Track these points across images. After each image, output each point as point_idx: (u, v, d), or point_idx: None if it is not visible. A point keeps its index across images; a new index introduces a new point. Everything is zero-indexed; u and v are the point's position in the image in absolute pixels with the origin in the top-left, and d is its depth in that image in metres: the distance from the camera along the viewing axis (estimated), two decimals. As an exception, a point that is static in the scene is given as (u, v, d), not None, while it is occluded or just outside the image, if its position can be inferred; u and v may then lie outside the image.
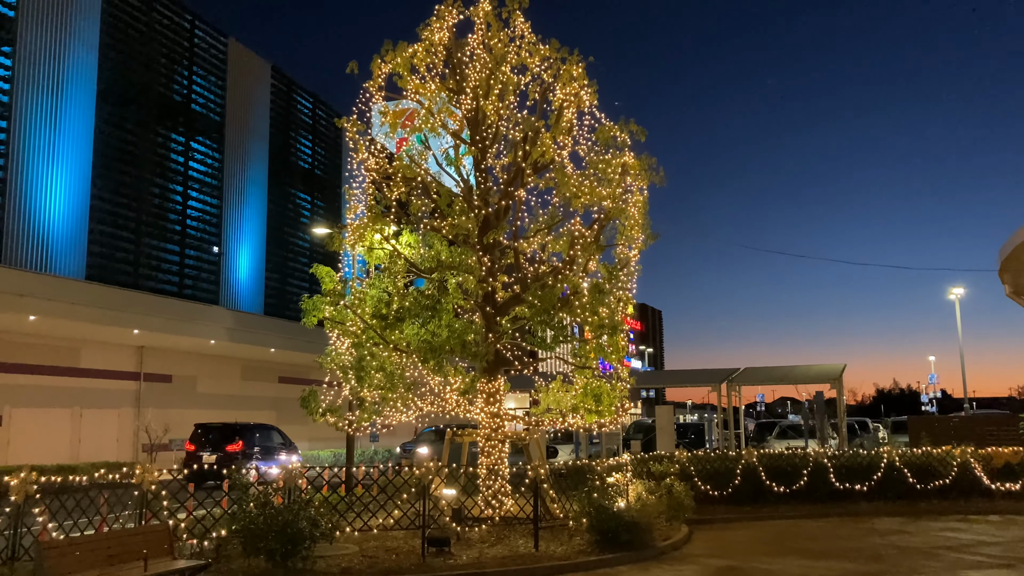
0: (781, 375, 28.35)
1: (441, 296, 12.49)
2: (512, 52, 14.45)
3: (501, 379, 14.51)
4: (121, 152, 35.40)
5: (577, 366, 15.10)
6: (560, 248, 15.00)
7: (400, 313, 12.24)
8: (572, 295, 13.74)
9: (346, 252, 14.46)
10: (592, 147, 14.51)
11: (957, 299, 38.08)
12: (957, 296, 38.25)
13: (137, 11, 36.82)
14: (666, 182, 15.38)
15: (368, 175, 14.16)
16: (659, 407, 27.80)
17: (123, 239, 35.79)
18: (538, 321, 12.82)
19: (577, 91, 14.49)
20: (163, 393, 38.07)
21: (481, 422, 14.26)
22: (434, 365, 12.17)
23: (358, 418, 13.62)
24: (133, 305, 31.60)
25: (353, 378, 13.51)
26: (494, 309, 13.65)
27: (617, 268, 14.53)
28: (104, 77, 34.12)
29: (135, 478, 9.47)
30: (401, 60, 14.65)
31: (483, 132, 13.90)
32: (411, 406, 13.54)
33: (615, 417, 14.81)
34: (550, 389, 15.60)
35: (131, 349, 35.45)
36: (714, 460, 18.48)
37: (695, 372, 31.25)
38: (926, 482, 18.55)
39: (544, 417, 15.26)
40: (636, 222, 14.82)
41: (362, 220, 13.61)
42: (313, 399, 13.48)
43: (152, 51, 37.57)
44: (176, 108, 39.53)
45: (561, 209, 15.03)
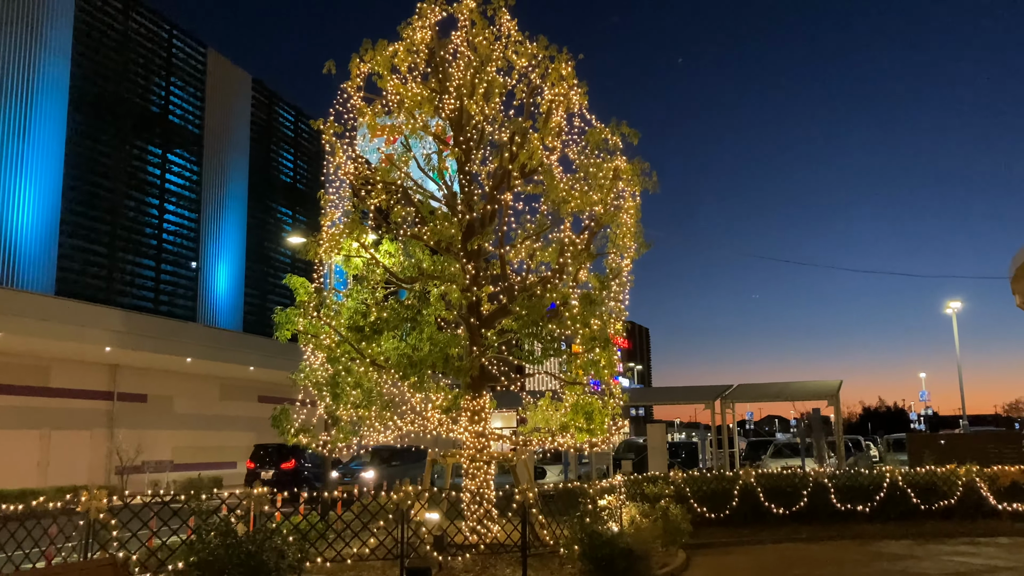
0: (776, 392, 27.71)
1: (422, 307, 11.73)
2: (498, 50, 13.80)
3: (487, 396, 13.75)
4: (94, 164, 34.56)
5: (566, 382, 14.36)
6: (549, 257, 14.30)
7: (378, 325, 11.47)
8: (562, 306, 13.02)
9: (323, 262, 13.70)
10: (582, 150, 13.85)
11: (954, 313, 37.57)
12: (954, 310, 37.73)
13: (112, 19, 36.12)
14: (659, 188, 14.75)
15: (346, 179, 13.43)
16: (651, 425, 27.07)
17: (95, 253, 34.86)
18: (526, 333, 12.08)
19: (566, 91, 13.84)
20: (138, 413, 37.01)
21: (465, 442, 13.48)
22: (415, 381, 11.39)
23: (333, 438, 12.80)
24: (104, 321, 30.64)
25: (328, 395, 12.71)
26: (479, 321, 12.91)
27: (609, 278, 13.84)
28: (76, 86, 33.33)
29: (80, 505, 8.63)
30: (381, 59, 13.97)
31: (467, 133, 13.22)
32: (389, 425, 12.75)
33: (607, 436, 14.06)
34: (538, 407, 14.87)
35: (104, 367, 34.44)
36: (710, 481, 17.74)
37: (688, 389, 30.57)
38: (930, 502, 17.88)
39: (532, 436, 14.50)
40: (628, 229, 14.15)
41: (338, 227, 12.86)
42: (285, 418, 12.67)
43: (128, 60, 36.83)
44: (153, 119, 38.74)
45: (550, 217, 14.36)
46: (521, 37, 14.03)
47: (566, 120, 14.16)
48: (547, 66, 13.83)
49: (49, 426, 31.99)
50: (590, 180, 13.71)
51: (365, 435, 12.75)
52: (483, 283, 12.58)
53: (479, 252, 12.93)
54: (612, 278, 13.94)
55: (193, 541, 8.88)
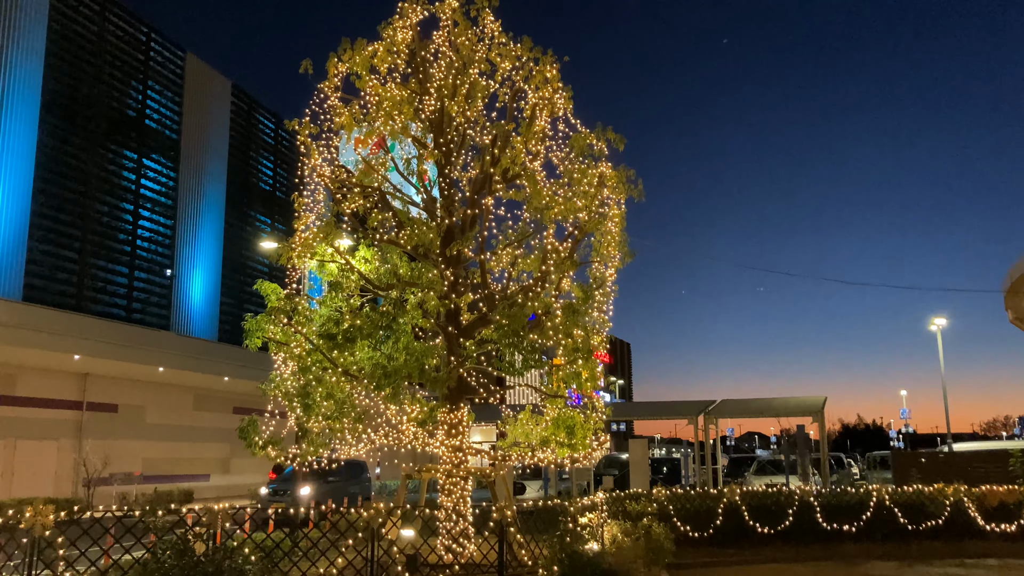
0: (760, 408, 27.39)
1: (398, 314, 11.25)
2: (481, 52, 13.41)
3: (464, 409, 13.27)
4: (66, 167, 33.88)
5: (548, 394, 13.92)
6: (531, 266, 13.89)
7: (351, 333, 10.98)
8: (543, 316, 12.59)
9: (296, 267, 13.20)
10: (566, 156, 13.47)
11: (939, 330, 37.35)
12: (939, 327, 37.53)
13: (88, 20, 35.54)
14: (645, 197, 14.39)
15: (320, 181, 12.96)
16: (632, 440, 26.65)
17: (66, 259, 34.12)
18: (506, 344, 11.62)
19: (551, 95, 13.46)
20: (108, 423, 36.12)
21: (441, 456, 12.98)
22: (389, 392, 10.90)
23: (303, 451, 12.27)
24: (74, 329, 29.88)
25: (299, 407, 12.19)
26: (457, 330, 12.45)
27: (592, 287, 13.43)
28: (49, 88, 32.71)
29: (24, 522, 8.04)
30: (360, 59, 13.55)
31: (448, 136, 12.80)
32: (363, 438, 12.24)
33: (590, 451, 13.63)
34: (518, 420, 14.42)
35: (73, 376, 33.59)
36: (694, 499, 17.34)
37: (670, 404, 30.19)
38: (918, 522, 17.56)
39: (512, 451, 14.04)
40: (613, 238, 13.78)
41: (312, 231, 12.38)
42: (253, 430, 12.13)
43: (103, 63, 36.25)
44: (128, 123, 38.12)
45: (532, 225, 13.98)
46: (505, 39, 13.67)
47: (550, 125, 13.79)
48: (531, 68, 13.45)
49: (14, 435, 31.08)
50: (574, 186, 13.34)
51: (337, 448, 12.23)
52: (462, 290, 12.12)
53: (458, 258, 12.48)
54: (596, 288, 13.54)
55: (147, 560, 8.34)
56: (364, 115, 12.92)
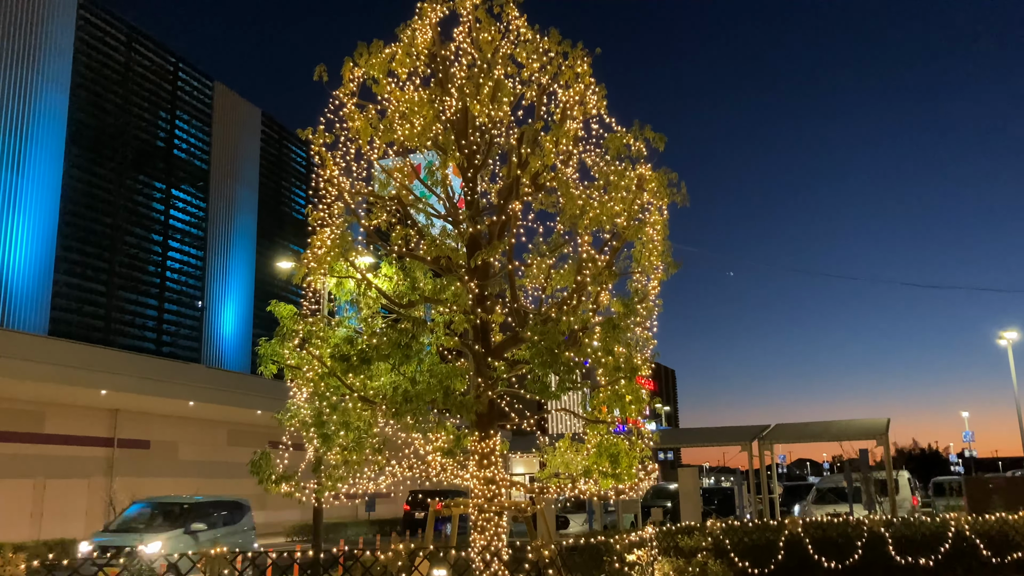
0: (818, 431, 25.97)
1: (418, 332, 10.32)
2: (505, 48, 12.55)
3: (496, 437, 12.25)
4: (93, 199, 33.78)
5: (588, 420, 12.85)
6: (565, 278, 12.91)
7: (366, 353, 10.07)
8: (581, 332, 11.56)
9: (311, 287, 12.38)
10: (601, 156, 12.50)
11: (1010, 344, 35.30)
12: (1010, 341, 35.47)
13: (114, 51, 35.64)
14: (689, 202, 13.33)
15: (336, 194, 12.15)
16: (682, 470, 25.36)
17: (93, 292, 33.90)
18: (539, 363, 10.60)
19: (582, 92, 12.52)
20: (140, 460, 35.74)
21: (473, 490, 11.97)
22: (411, 420, 9.94)
23: (321, 486, 11.35)
24: (100, 363, 29.52)
25: (316, 437, 11.29)
26: (487, 350, 11.48)
27: (634, 301, 12.37)
28: (75, 119, 32.71)
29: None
30: (377, 62, 12.78)
31: (471, 137, 11.92)
32: (383, 470, 11.28)
33: (636, 482, 12.51)
34: (557, 449, 13.37)
35: (103, 412, 33.28)
36: (752, 531, 16.10)
37: (722, 430, 28.83)
38: (1003, 555, 16.08)
39: (550, 483, 12.97)
40: (655, 247, 12.72)
41: (326, 245, 11.55)
42: (266, 463, 11.24)
43: (130, 93, 36.28)
44: (157, 154, 38.09)
45: (566, 237, 13.02)
46: (531, 35, 12.79)
47: (582, 126, 12.85)
48: (560, 64, 12.54)
49: (43, 475, 30.75)
50: (611, 191, 12.37)
51: (355, 483, 11.29)
52: (490, 305, 11.17)
53: (486, 270, 11.55)
54: (639, 301, 12.48)
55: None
56: (381, 119, 12.10)
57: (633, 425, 12.50)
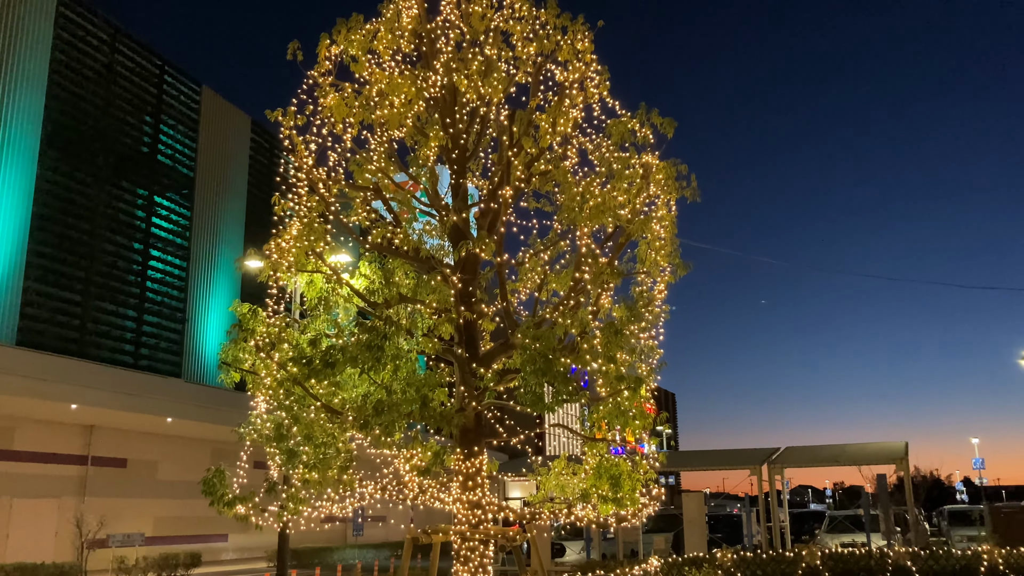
0: (833, 455, 24.69)
1: (391, 332, 9.11)
2: (497, 21, 11.43)
3: (483, 455, 11.02)
4: (69, 204, 32.59)
5: (586, 437, 11.63)
6: (562, 283, 11.73)
7: (331, 356, 8.87)
8: (579, 337, 10.35)
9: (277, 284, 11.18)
10: (603, 141, 11.35)
11: None
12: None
13: (96, 51, 34.59)
14: (699, 197, 12.15)
15: (305, 178, 10.99)
16: (686, 495, 24.07)
17: (67, 301, 32.66)
18: (532, 370, 9.39)
19: (582, 72, 11.38)
20: (115, 480, 34.37)
21: (456, 515, 10.72)
22: (380, 433, 8.71)
23: (281, 508, 10.10)
24: (74, 375, 28.23)
25: (278, 453, 10.07)
26: (472, 354, 10.27)
27: (639, 304, 11.17)
28: (52, 120, 31.57)
29: None
30: (357, 39, 11.67)
31: (458, 116, 10.77)
32: (352, 491, 10.04)
33: (639, 507, 11.27)
34: (552, 470, 12.14)
35: (77, 428, 31.96)
36: (767, 563, 14.86)
37: (730, 453, 27.55)
38: (1041, 592, 14.84)
39: (545, 508, 11.72)
40: (663, 245, 11.55)
41: (292, 237, 10.37)
42: (220, 482, 10.00)
43: (113, 95, 35.19)
44: (139, 159, 36.96)
45: (567, 237, 11.85)
46: (526, 9, 11.67)
47: (583, 112, 11.71)
48: (558, 40, 11.41)
49: (10, 494, 29.38)
50: (614, 180, 11.21)
51: (321, 504, 10.04)
52: (476, 303, 9.97)
53: (472, 263, 10.36)
54: (643, 305, 11.28)
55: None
56: (357, 96, 10.95)
57: (632, 448, 11.29)
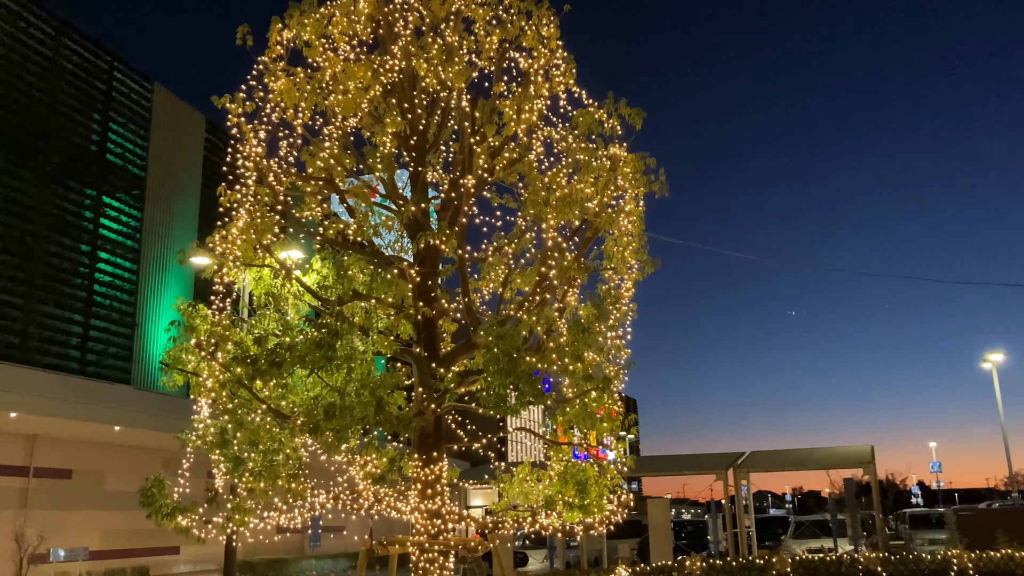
0: (800, 459, 24.51)
1: (343, 330, 8.54)
2: (459, 4, 10.94)
3: (443, 462, 10.49)
4: (9, 203, 31.33)
5: (551, 441, 11.17)
6: (528, 280, 11.28)
7: (277, 355, 8.28)
8: (545, 336, 9.88)
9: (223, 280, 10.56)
10: (570, 132, 10.92)
11: (995, 367, 33.99)
12: (995, 363, 34.18)
13: (39, 43, 33.38)
14: (668, 192, 11.76)
15: (253, 168, 10.39)
16: (652, 501, 23.69)
17: (7, 304, 31.40)
18: (495, 370, 8.89)
19: (548, 59, 10.94)
20: (60, 492, 33.06)
21: (415, 525, 10.17)
22: (331, 438, 8.14)
23: (226, 519, 9.47)
24: (13, 382, 26.99)
25: (222, 460, 9.45)
26: (431, 354, 9.74)
27: (606, 302, 10.74)
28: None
29: None
30: (310, 23, 11.13)
31: (416, 100, 10.24)
32: (302, 500, 9.44)
33: (607, 515, 10.85)
34: (515, 477, 11.67)
35: (18, 438, 30.65)
36: (737, 571, 14.49)
37: (696, 457, 27.23)
38: (1011, 596, 14.69)
39: (508, 516, 11.23)
40: (631, 241, 11.15)
41: (238, 228, 9.77)
42: (159, 492, 9.35)
43: (58, 91, 33.98)
44: (87, 158, 35.72)
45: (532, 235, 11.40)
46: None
47: (548, 103, 11.26)
48: (523, 25, 10.95)
49: (-56, 508, 28.13)
50: (581, 173, 10.80)
51: (268, 515, 9.43)
52: (435, 297, 9.45)
53: (431, 256, 9.83)
54: (612, 302, 10.85)
55: None
56: (310, 81, 10.38)
57: (604, 445, 10.85)
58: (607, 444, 10.48)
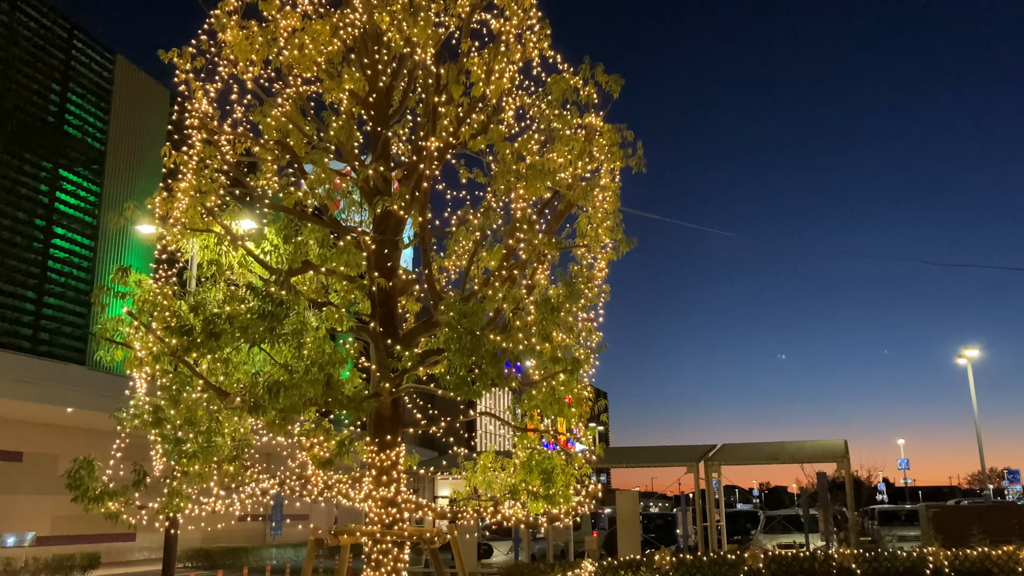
0: (772, 452, 24.18)
1: (288, 299, 7.86)
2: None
3: (401, 447, 9.86)
4: (-42, 173, 30.24)
5: (517, 428, 10.59)
6: (495, 257, 10.66)
7: (215, 324, 7.60)
8: (512, 314, 9.28)
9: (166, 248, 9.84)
10: (543, 98, 10.29)
11: (970, 363, 33.73)
12: (970, 360, 33.91)
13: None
14: (646, 167, 11.18)
15: (196, 128, 9.67)
16: (620, 493, 23.24)
17: (-49, 280, 30.32)
18: (457, 349, 8.27)
19: (521, 20, 10.29)
20: (10, 475, 32.13)
21: (368, 513, 9.55)
22: (277, 419, 7.48)
23: (164, 504, 8.79)
24: (-44, 361, 26.07)
25: (160, 439, 8.77)
26: (388, 330, 9.10)
27: (578, 281, 10.16)
28: (-60, 80, 29.21)
29: None
30: (267, -27, 10.35)
31: (378, 56, 9.56)
32: (243, 485, 8.78)
33: (573, 506, 10.30)
34: (478, 465, 11.09)
35: (-34, 419, 29.77)
36: (707, 566, 14.03)
37: (666, 449, 26.85)
38: (986, 594, 14.38)
39: (469, 506, 10.65)
40: (605, 217, 10.58)
41: (180, 190, 9.06)
42: (88, 474, 8.64)
43: (12, 59, 32.77)
44: (43, 129, 34.53)
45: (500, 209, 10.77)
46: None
47: (521, 67, 10.63)
48: (496, -17, 10.29)
49: None
50: (555, 142, 10.19)
51: (205, 500, 8.77)
52: (392, 268, 8.81)
53: (389, 223, 9.17)
54: (583, 282, 10.28)
55: None
56: (263, 29, 9.66)
57: (571, 433, 10.29)
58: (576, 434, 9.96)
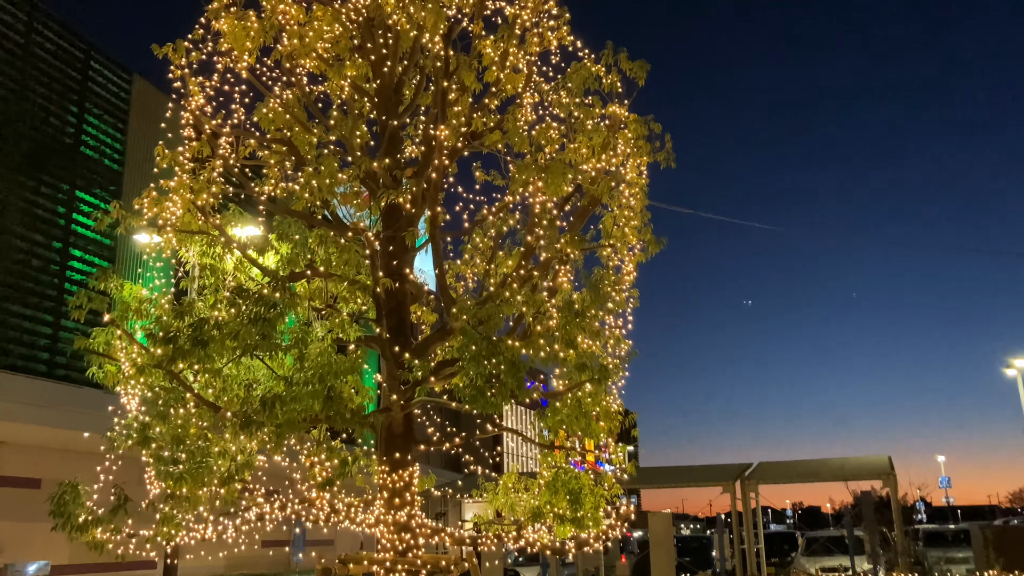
0: (812, 470, 23.16)
1: (286, 305, 7.18)
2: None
3: (415, 467, 9.13)
4: (-30, 195, 29.99)
5: (542, 444, 9.82)
6: (515, 260, 9.96)
7: (203, 332, 6.93)
8: (532, 320, 8.54)
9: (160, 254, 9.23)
10: (562, 86, 9.61)
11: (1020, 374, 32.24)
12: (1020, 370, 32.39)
13: (9, 28, 32.06)
14: (675, 162, 10.42)
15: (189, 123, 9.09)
16: (653, 515, 22.30)
17: (-35, 303, 30.00)
18: (473, 355, 7.55)
19: (537, 5, 9.63)
20: (27, 503, 31.63)
21: (380, 540, 8.81)
22: (270, 435, 6.77)
23: (155, 531, 8.12)
24: (-30, 385, 25.62)
25: (152, 459, 8.12)
26: (397, 338, 8.39)
27: (604, 284, 9.41)
28: (-46, 102, 29.04)
29: None
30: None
31: (381, 39, 8.92)
32: (240, 509, 8.09)
33: (603, 530, 9.51)
34: (500, 486, 10.35)
35: (-17, 445, 29.35)
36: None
37: (700, 469, 25.88)
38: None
39: (490, 530, 9.90)
40: (633, 216, 9.84)
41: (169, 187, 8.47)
42: (73, 500, 8.00)
43: (29, 79, 32.64)
44: (60, 151, 34.36)
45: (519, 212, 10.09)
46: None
47: (538, 57, 9.96)
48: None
49: (-101, 520, 26.68)
50: (576, 133, 9.49)
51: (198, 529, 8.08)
52: (398, 265, 8.11)
53: (400, 219, 8.48)
54: (609, 285, 9.52)
55: None
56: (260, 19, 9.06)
57: (601, 451, 9.49)
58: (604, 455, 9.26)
